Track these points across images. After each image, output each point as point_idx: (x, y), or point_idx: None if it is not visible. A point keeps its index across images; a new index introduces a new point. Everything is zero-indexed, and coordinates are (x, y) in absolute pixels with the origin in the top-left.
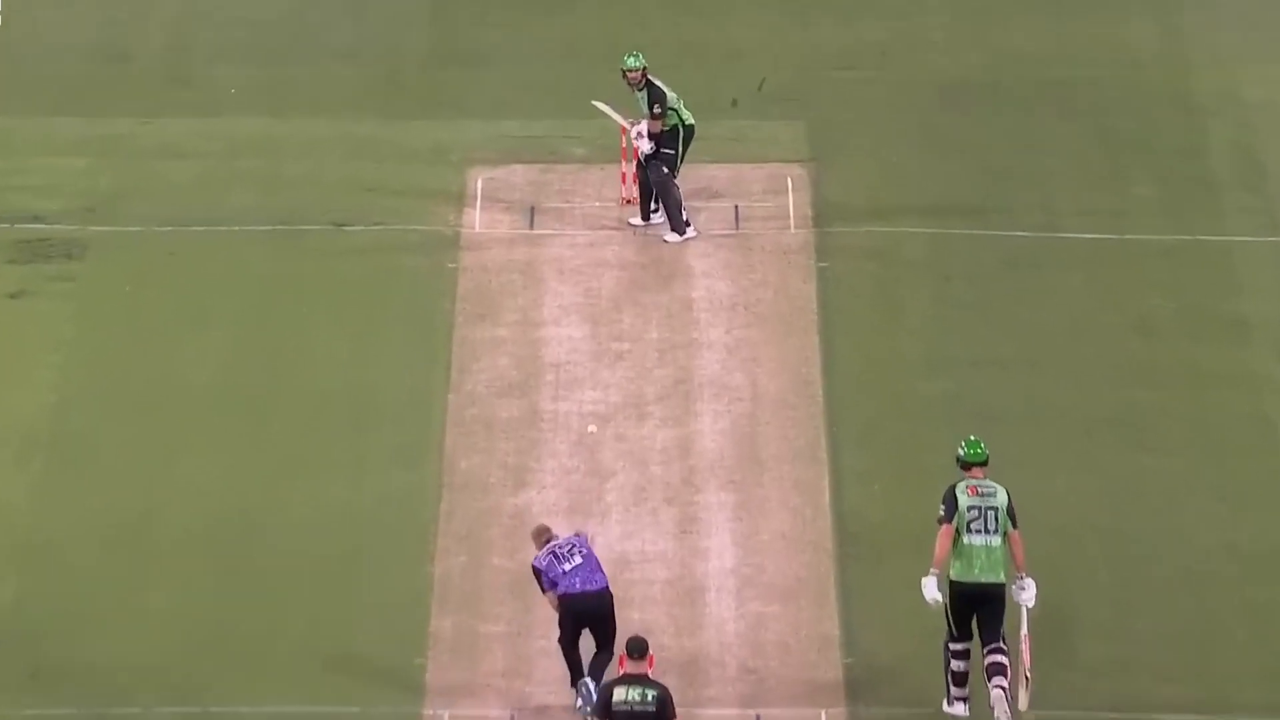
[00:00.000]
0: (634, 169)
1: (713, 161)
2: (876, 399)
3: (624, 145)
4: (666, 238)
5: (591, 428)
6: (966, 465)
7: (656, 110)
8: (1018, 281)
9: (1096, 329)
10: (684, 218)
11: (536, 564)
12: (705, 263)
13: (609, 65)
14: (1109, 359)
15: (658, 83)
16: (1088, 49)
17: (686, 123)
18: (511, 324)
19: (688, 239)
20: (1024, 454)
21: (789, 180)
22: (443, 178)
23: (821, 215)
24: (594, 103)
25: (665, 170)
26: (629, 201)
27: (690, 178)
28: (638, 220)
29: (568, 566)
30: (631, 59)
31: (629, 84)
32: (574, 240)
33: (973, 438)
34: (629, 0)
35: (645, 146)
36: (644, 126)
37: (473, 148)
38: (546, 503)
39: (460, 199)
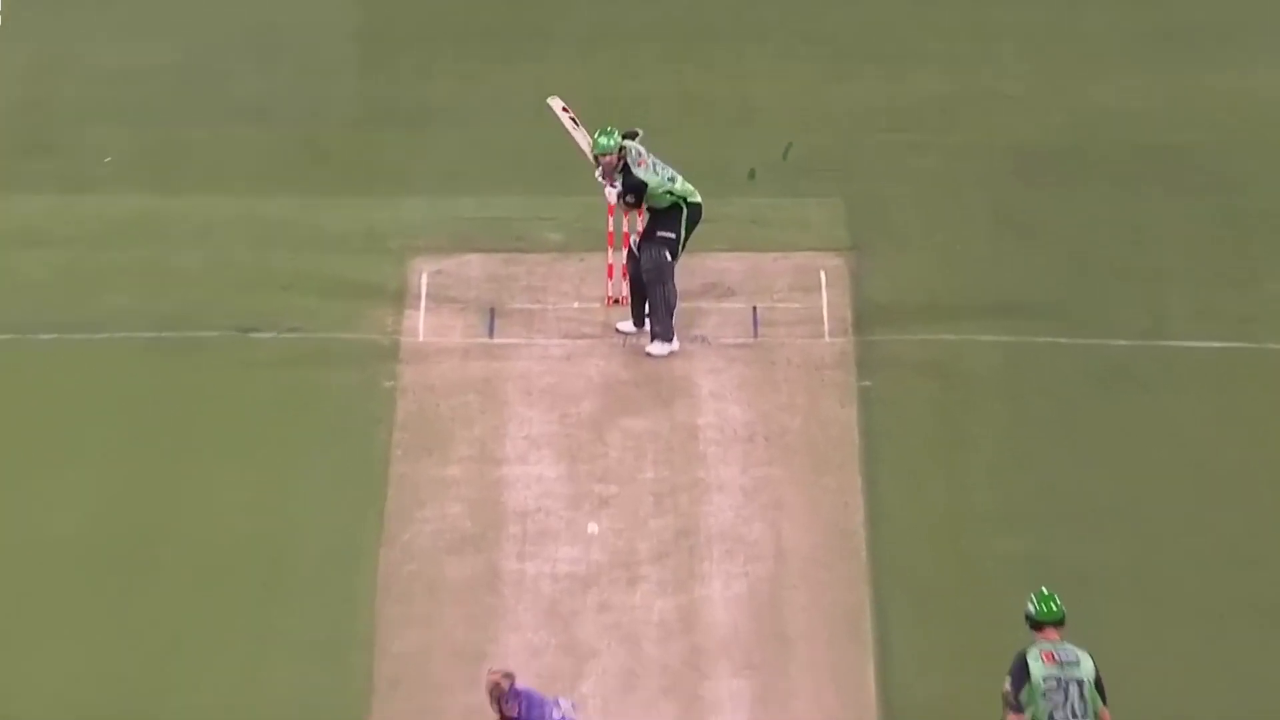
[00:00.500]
0: (625, 258)
1: (725, 250)
2: (936, 558)
3: (612, 227)
4: (650, 349)
5: (593, 526)
6: (1038, 625)
7: (630, 200)
8: (1117, 404)
9: (1222, 467)
10: (673, 324)
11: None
12: (715, 380)
13: (593, 127)
14: (1240, 508)
15: (639, 155)
16: (1204, 106)
17: (690, 200)
18: (465, 460)
19: (672, 352)
20: (1125, 634)
21: (822, 274)
22: (377, 271)
23: (864, 319)
24: (550, 101)
25: (667, 256)
26: (617, 301)
27: (695, 270)
28: (628, 325)
29: None
30: (604, 139)
31: (605, 166)
32: (546, 351)
33: (1045, 590)
34: (617, 43)
35: (610, 195)
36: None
37: (416, 232)
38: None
39: (400, 298)
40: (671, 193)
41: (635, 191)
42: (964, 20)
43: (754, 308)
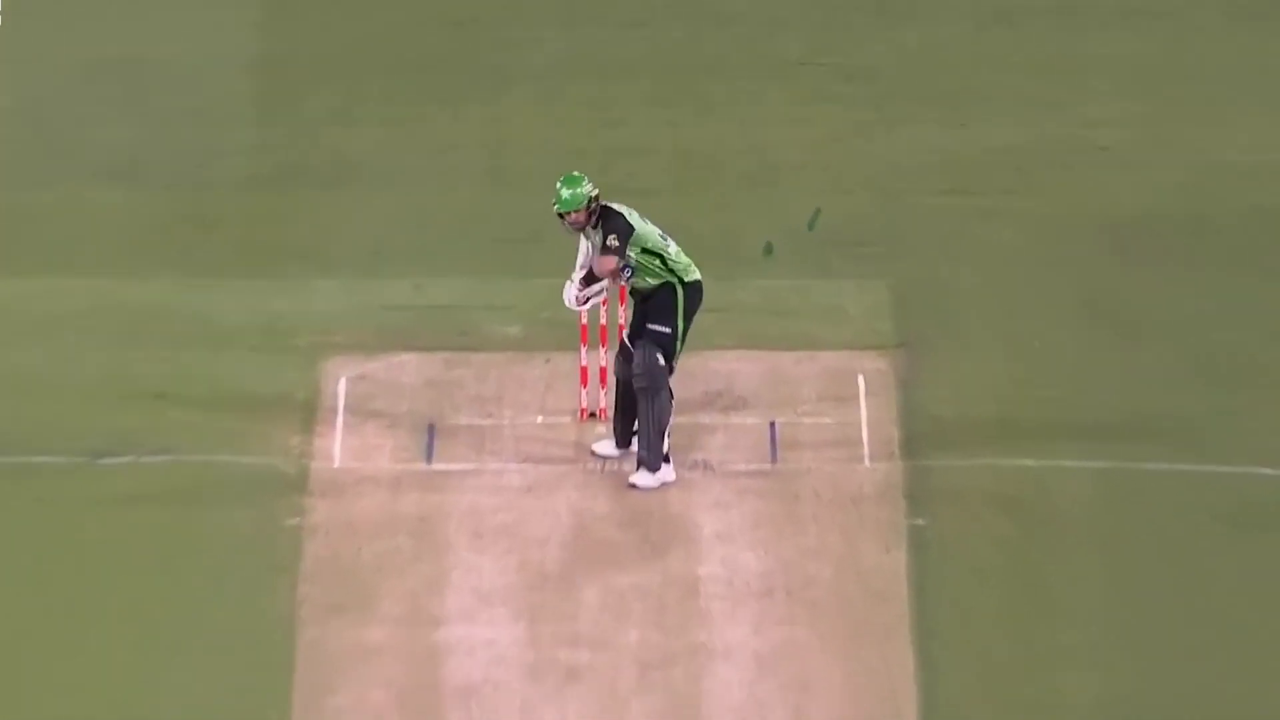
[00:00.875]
0: (612, 358)
1: (734, 347)
2: None
3: (586, 318)
4: (635, 480)
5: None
6: None
7: (612, 242)
8: (1252, 550)
9: None
10: (666, 448)
11: None
12: (721, 519)
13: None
14: None
15: (619, 208)
16: None
17: (687, 279)
18: (394, 621)
19: (664, 483)
20: None
21: (860, 379)
22: (280, 375)
23: (915, 438)
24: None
25: (659, 359)
26: (594, 415)
27: (695, 375)
28: (609, 447)
29: None
30: (568, 190)
31: (568, 228)
32: (500, 481)
33: None
34: (593, 80)
35: (569, 298)
36: (590, 266)
37: (331, 325)
38: None
39: (309, 411)
40: (664, 260)
41: (619, 233)
42: (1045, 51)
43: (772, 423)
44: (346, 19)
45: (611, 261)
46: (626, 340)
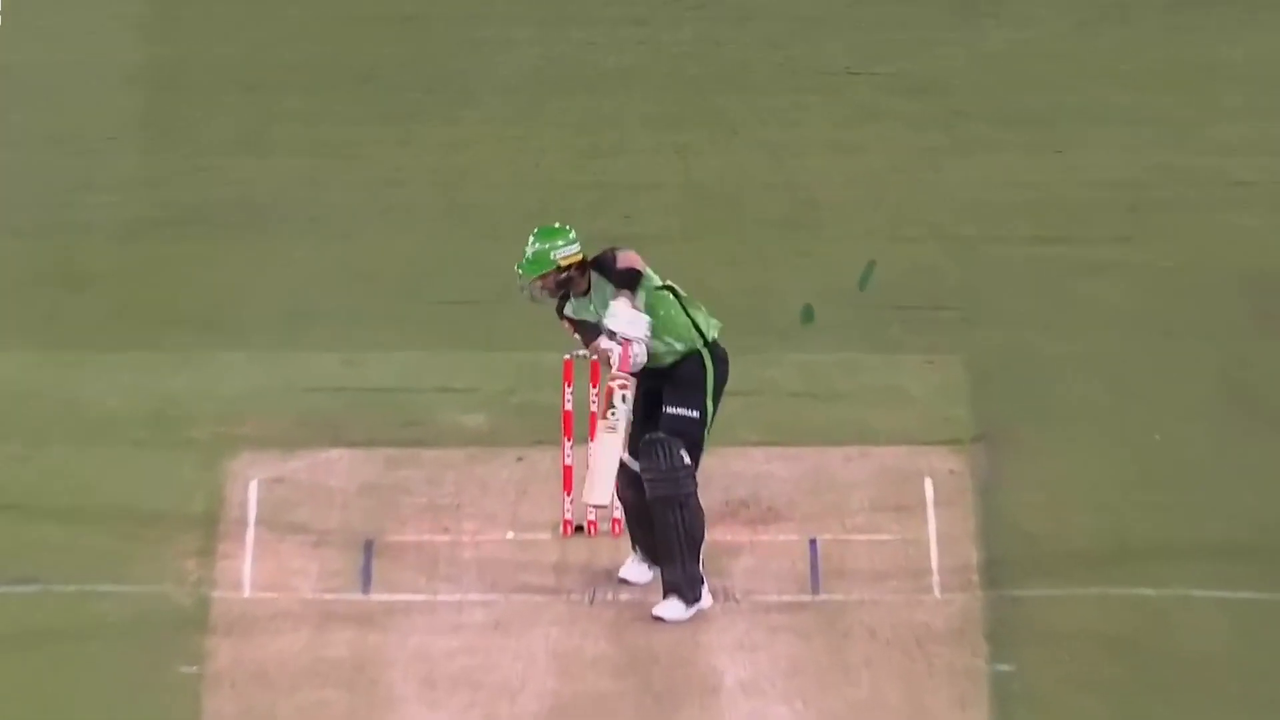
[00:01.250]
0: (604, 450)
1: (762, 442)
2: None
3: (570, 403)
4: (662, 611)
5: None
6: None
7: (626, 272)
8: None
9: None
10: (700, 568)
11: None
12: (748, 664)
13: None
14: None
15: (621, 261)
16: None
17: (711, 338)
18: None
19: (700, 611)
20: None
21: (928, 484)
22: (172, 476)
23: (1000, 560)
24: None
25: (683, 457)
26: (579, 529)
27: (714, 476)
28: (639, 571)
29: None
30: (537, 244)
31: (535, 294)
32: (459, 615)
33: None
34: (578, 95)
35: (629, 356)
36: (613, 352)
37: (239, 410)
38: None
39: (210, 524)
40: (692, 320)
41: (629, 281)
42: (1162, 56)
43: (813, 541)
44: (257, 16)
45: (626, 302)
46: (610, 432)
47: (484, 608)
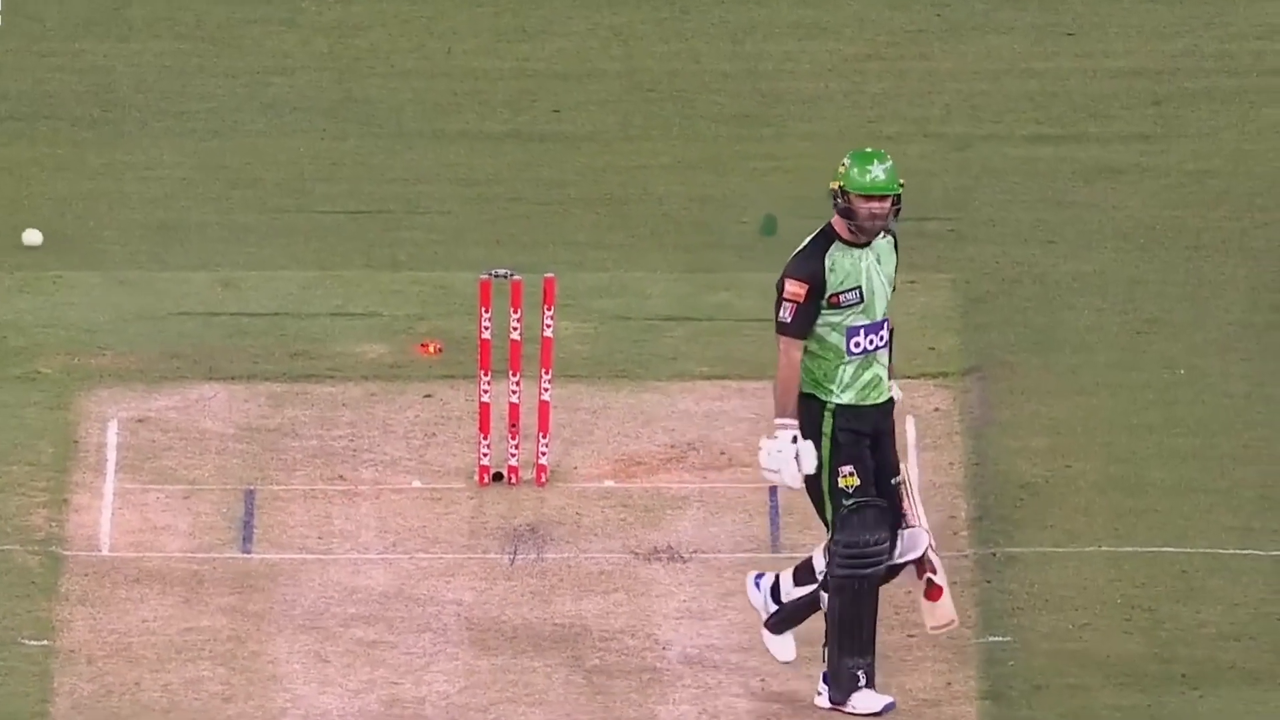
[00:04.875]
0: (519, 387)
1: (714, 375)
2: None
3: (485, 326)
4: (819, 701)
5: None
6: None
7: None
8: None
9: None
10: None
11: None
12: (697, 633)
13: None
14: None
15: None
16: None
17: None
18: None
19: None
20: None
21: (910, 425)
22: (14, 416)
23: (994, 511)
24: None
25: (838, 535)
26: (498, 477)
27: (652, 414)
28: (784, 649)
29: None
30: (881, 166)
31: (871, 227)
32: (358, 580)
33: None
34: None
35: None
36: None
37: (94, 339)
38: None
39: (61, 472)
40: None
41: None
42: None
43: (772, 490)
44: None
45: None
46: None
47: (385, 569)
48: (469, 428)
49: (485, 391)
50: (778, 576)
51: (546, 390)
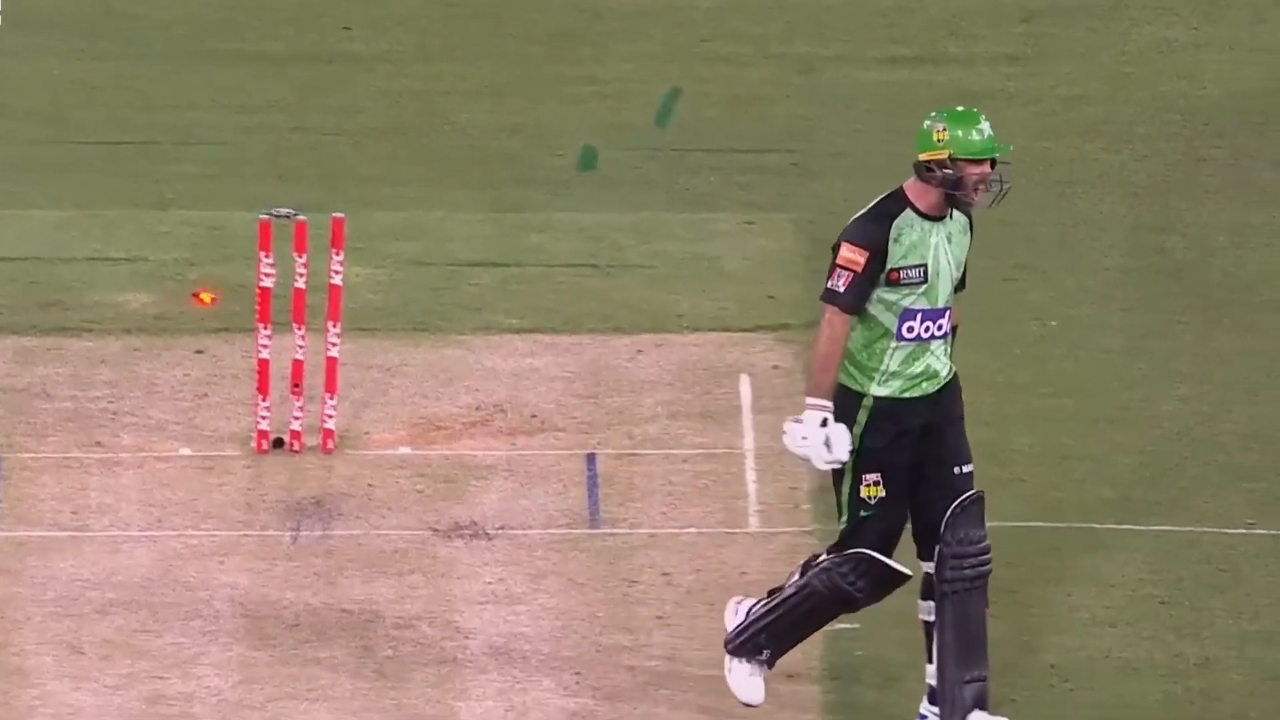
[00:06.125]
0: (303, 340)
1: (524, 330)
2: None
3: (265, 273)
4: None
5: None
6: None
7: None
8: None
9: None
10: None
11: None
12: (503, 619)
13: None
14: None
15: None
16: None
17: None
18: None
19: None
20: None
21: (744, 384)
22: None
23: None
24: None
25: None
26: (279, 443)
27: (456, 372)
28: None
29: None
30: (985, 121)
31: (978, 195)
32: (118, 560)
33: None
34: None
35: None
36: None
37: None
38: None
39: None
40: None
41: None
42: None
43: (590, 457)
44: None
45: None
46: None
47: (149, 548)
48: (246, 387)
49: (265, 346)
50: (929, 682)
51: (334, 345)
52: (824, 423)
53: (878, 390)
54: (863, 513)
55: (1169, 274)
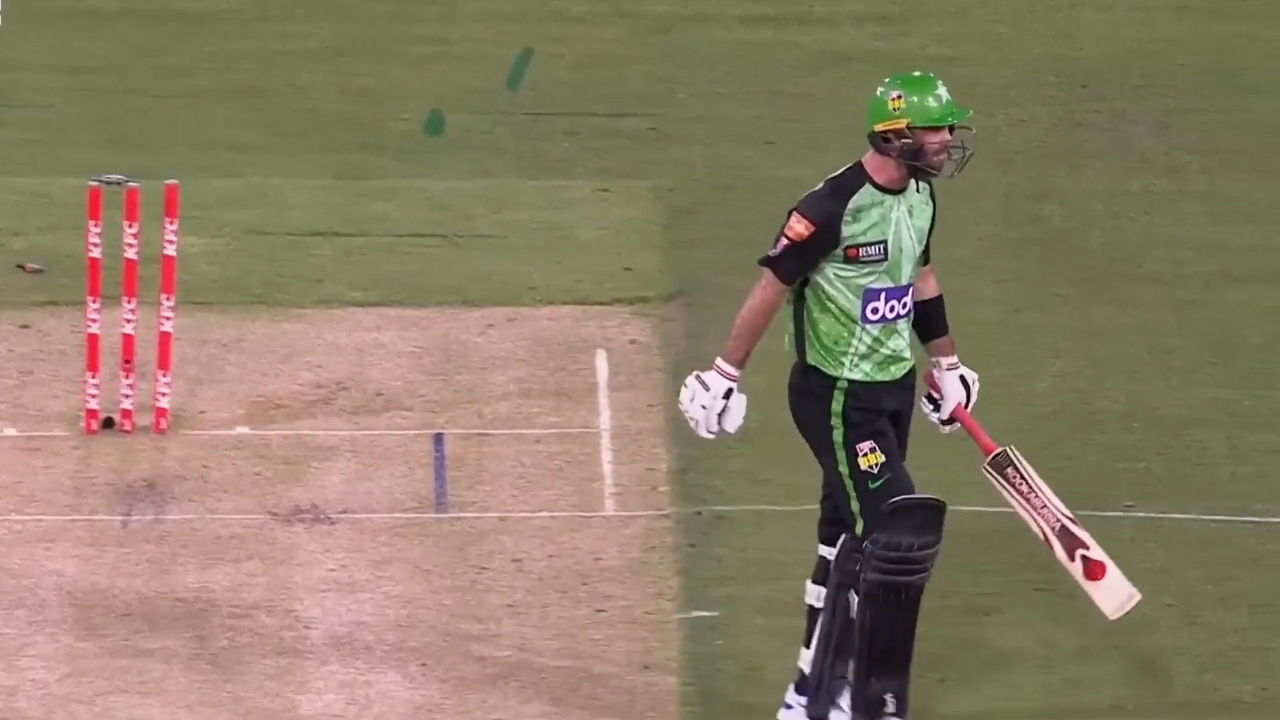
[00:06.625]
0: (130, 314)
1: (368, 303)
2: None
3: (93, 243)
4: (797, 715)
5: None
6: None
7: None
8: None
9: None
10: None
11: None
12: (346, 608)
13: None
14: None
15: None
16: None
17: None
18: None
19: None
20: None
21: (600, 360)
22: None
23: (701, 466)
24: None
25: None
26: (109, 423)
27: (296, 348)
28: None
29: None
30: (941, 86)
31: (940, 162)
32: None
33: None
34: None
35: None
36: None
37: None
38: None
39: None
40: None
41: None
42: None
43: (438, 437)
44: None
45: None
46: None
47: None
48: (74, 364)
49: (93, 321)
50: (800, 669)
51: (168, 319)
52: (728, 393)
53: (850, 374)
54: (871, 484)
55: (1044, 244)
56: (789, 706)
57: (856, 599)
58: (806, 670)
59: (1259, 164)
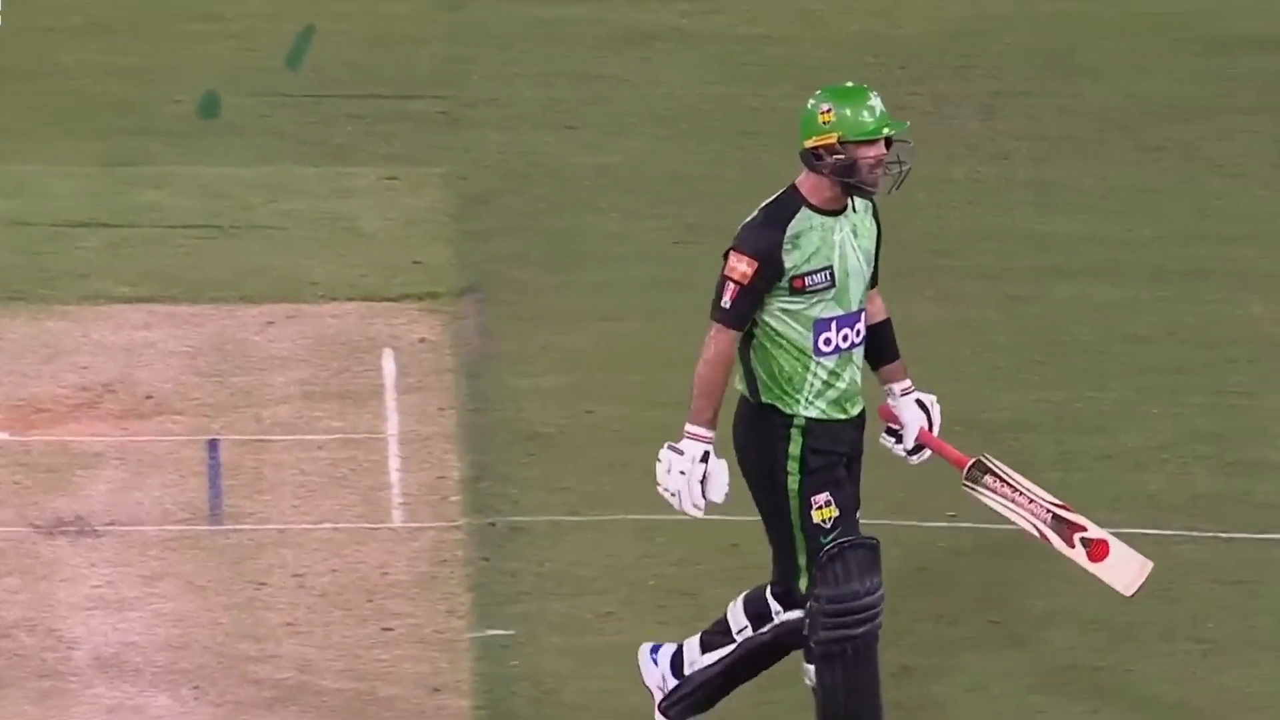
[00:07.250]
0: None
1: (137, 298)
2: None
3: None
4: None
5: None
6: None
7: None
8: None
9: None
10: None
11: None
12: (113, 626)
13: None
14: None
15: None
16: None
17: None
18: None
19: None
20: None
21: (387, 360)
22: None
23: (497, 474)
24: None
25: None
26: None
27: (57, 345)
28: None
29: None
30: (875, 98)
31: (874, 179)
32: None
33: None
34: None
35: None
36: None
37: None
38: None
39: None
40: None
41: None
42: None
43: (213, 443)
44: None
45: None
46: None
47: None
48: None
49: None
50: (680, 645)
51: None
52: (704, 456)
53: (807, 411)
54: (822, 539)
55: None
56: (655, 662)
57: (811, 669)
58: (693, 668)
59: (1089, 151)
